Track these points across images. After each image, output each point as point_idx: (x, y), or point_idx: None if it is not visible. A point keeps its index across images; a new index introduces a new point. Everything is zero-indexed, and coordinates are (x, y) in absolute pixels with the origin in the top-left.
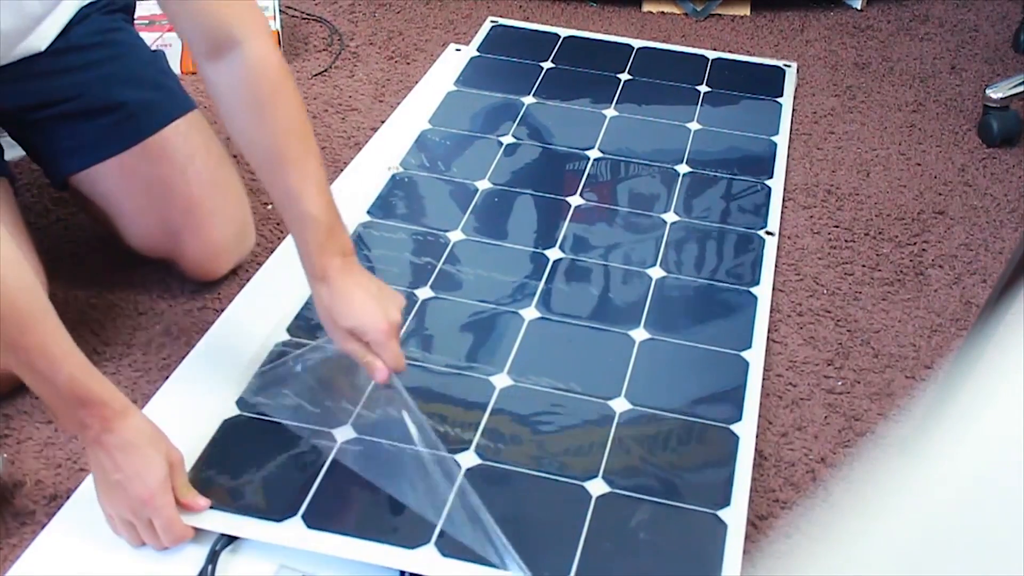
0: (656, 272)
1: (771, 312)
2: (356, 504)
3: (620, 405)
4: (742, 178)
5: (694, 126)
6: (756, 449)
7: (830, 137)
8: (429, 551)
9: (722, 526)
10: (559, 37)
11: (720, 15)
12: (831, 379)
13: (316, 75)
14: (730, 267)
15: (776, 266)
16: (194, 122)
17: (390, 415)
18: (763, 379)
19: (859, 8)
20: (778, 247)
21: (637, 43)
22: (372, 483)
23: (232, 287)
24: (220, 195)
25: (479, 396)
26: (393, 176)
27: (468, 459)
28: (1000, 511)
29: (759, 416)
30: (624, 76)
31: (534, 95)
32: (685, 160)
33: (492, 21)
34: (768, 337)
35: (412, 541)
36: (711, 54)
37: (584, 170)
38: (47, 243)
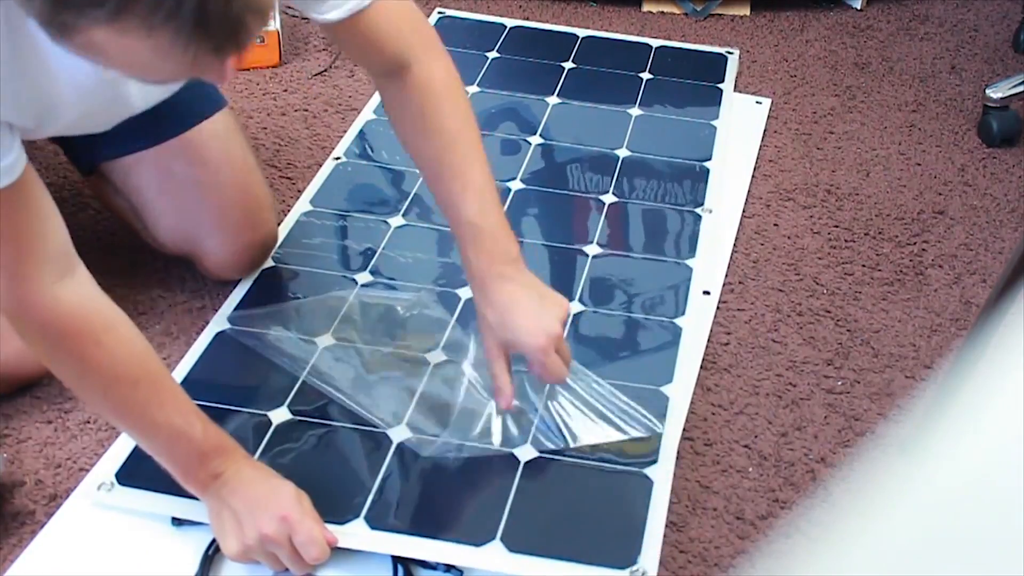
0: (592, 249)
1: (760, 305)
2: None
3: (525, 453)
4: (681, 160)
5: (635, 112)
6: (756, 450)
7: (830, 137)
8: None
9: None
10: (505, 27)
11: (720, 15)
12: (831, 379)
13: (316, 75)
14: (667, 242)
15: (775, 265)
16: (230, 124)
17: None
18: (770, 377)
19: (859, 8)
20: (778, 247)
21: (582, 32)
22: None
23: (230, 285)
24: (252, 201)
25: (414, 375)
26: (336, 166)
27: (400, 433)
28: (1000, 511)
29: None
30: (568, 65)
31: (479, 84)
32: (625, 144)
33: (439, 12)
34: (769, 338)
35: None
36: (655, 42)
37: (526, 156)
38: None
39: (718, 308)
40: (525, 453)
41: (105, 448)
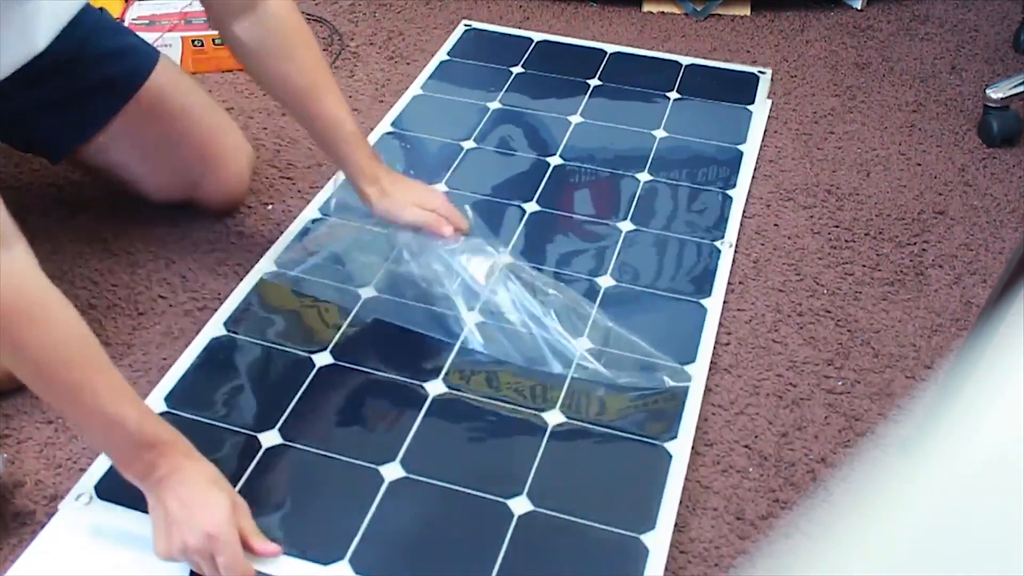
0: (606, 281)
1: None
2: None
3: (553, 418)
4: (703, 188)
5: (660, 133)
6: (757, 450)
7: (830, 137)
8: None
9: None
10: (532, 41)
11: (720, 15)
12: (831, 379)
13: None
14: (681, 278)
15: (775, 265)
16: (172, 68)
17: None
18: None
19: (859, 8)
20: (778, 247)
21: (610, 48)
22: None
23: (230, 286)
24: (223, 130)
25: (413, 402)
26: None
27: (392, 471)
28: (1000, 511)
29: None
30: (594, 82)
31: (500, 100)
32: (647, 168)
33: (465, 25)
34: (769, 339)
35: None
36: (684, 60)
37: (543, 177)
38: (47, 243)
39: None
40: (519, 506)
41: None
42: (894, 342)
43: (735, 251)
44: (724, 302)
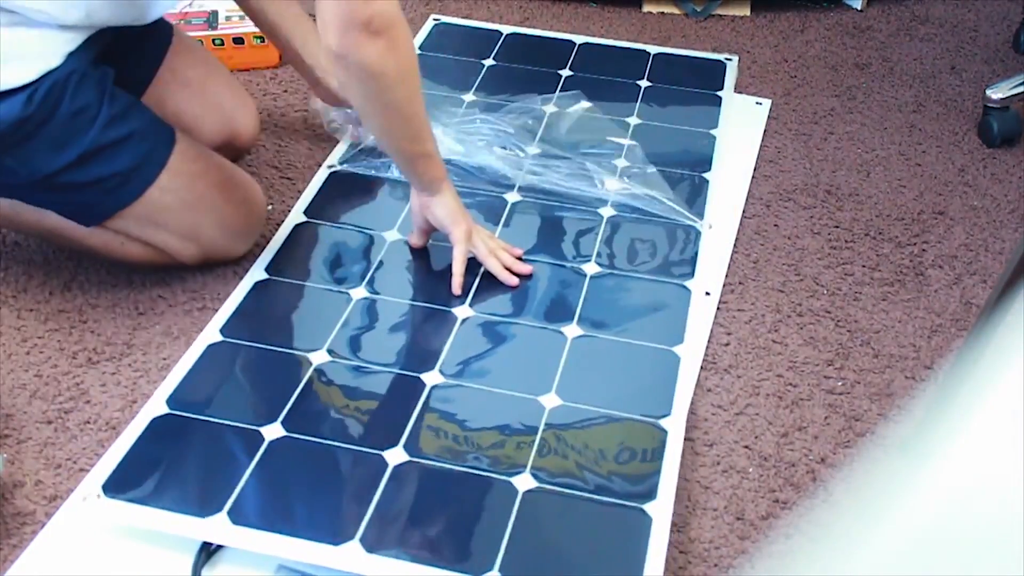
0: (591, 268)
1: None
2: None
3: (550, 401)
4: (679, 171)
5: (634, 120)
6: (757, 450)
7: (830, 137)
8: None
9: (647, 520)
10: (501, 34)
11: (720, 15)
12: (831, 379)
13: None
14: (665, 261)
15: (775, 266)
16: (186, 41)
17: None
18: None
19: (859, 8)
20: (778, 247)
21: (579, 39)
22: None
23: (230, 286)
24: (231, 76)
25: (411, 395)
26: (331, 174)
27: (396, 455)
28: (999, 511)
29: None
30: (565, 72)
31: (474, 92)
32: (624, 155)
33: (435, 19)
34: (769, 339)
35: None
36: (653, 48)
37: (522, 167)
38: (47, 243)
39: (718, 308)
40: (523, 483)
41: (105, 448)
42: (894, 342)
43: (734, 251)
44: (724, 302)
